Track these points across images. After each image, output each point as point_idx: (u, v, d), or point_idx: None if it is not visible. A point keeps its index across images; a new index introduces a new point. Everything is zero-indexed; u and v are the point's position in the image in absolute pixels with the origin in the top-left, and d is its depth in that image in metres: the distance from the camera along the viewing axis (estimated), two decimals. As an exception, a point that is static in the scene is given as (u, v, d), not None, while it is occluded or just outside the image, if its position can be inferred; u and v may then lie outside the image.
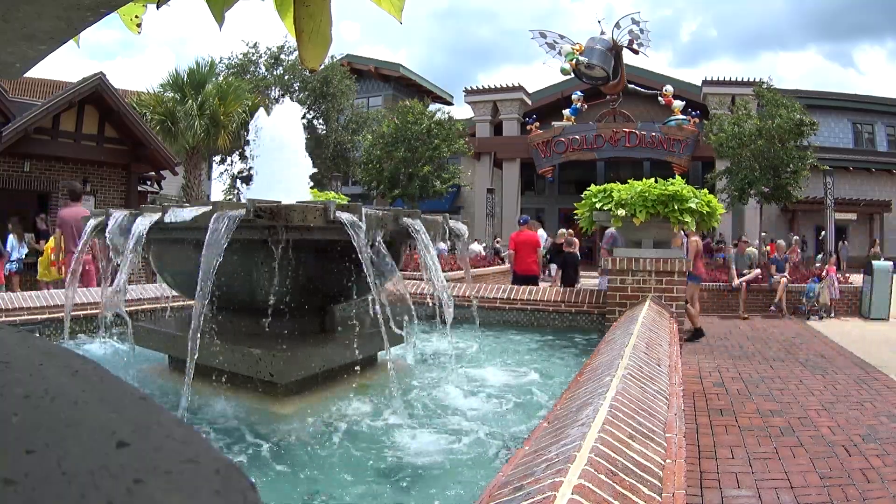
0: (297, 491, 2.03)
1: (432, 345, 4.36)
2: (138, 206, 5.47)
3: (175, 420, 0.30)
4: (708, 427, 3.93)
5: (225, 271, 2.58)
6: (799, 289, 9.79)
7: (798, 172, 13.16)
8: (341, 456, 2.32)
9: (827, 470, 3.20)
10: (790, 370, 5.68)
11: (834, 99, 22.24)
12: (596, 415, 1.43)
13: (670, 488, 1.17)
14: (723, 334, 7.86)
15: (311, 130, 20.96)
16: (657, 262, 4.62)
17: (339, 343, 3.15)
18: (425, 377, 3.48)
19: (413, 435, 2.50)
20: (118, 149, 11.36)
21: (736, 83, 19.84)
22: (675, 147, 19.03)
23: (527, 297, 5.40)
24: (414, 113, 17.15)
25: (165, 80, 13.40)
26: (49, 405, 0.28)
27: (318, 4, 0.84)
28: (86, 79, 10.56)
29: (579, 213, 5.14)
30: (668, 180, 4.64)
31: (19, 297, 4.40)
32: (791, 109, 13.04)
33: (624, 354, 2.25)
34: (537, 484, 1.06)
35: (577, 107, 20.64)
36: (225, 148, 14.66)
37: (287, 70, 21.20)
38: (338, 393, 3.03)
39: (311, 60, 0.89)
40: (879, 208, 20.68)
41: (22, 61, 0.64)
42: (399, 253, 3.71)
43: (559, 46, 19.14)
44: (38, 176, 10.58)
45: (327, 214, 2.62)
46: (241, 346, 2.87)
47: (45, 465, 0.23)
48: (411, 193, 17.15)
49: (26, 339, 0.37)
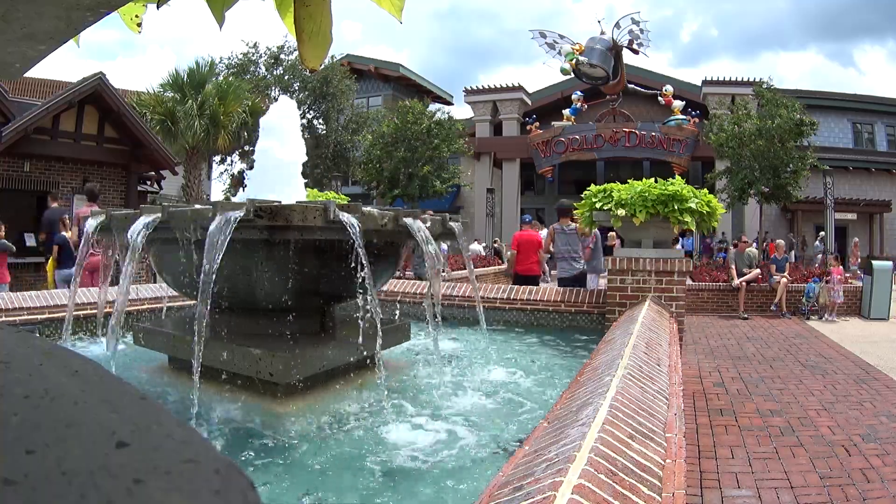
0: (297, 490, 2.03)
1: (431, 344, 4.36)
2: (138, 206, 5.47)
3: (175, 420, 0.30)
4: (708, 427, 3.93)
5: (225, 271, 2.58)
6: (799, 289, 9.79)
7: (798, 172, 13.17)
8: (341, 455, 2.32)
9: (827, 470, 3.20)
10: (790, 370, 5.68)
11: (834, 99, 22.24)
12: (596, 415, 1.43)
13: (670, 488, 1.17)
14: (723, 334, 7.86)
15: (311, 130, 20.97)
16: (657, 262, 4.62)
17: (339, 343, 3.15)
18: (426, 376, 3.48)
19: (413, 434, 2.50)
20: (118, 149, 11.35)
21: (736, 83, 19.85)
22: (675, 147, 19.04)
23: (527, 297, 5.40)
24: (414, 113, 17.16)
25: (165, 80, 13.40)
26: (49, 405, 0.28)
27: (319, 4, 0.84)
28: (86, 79, 10.55)
29: (579, 213, 5.14)
30: (668, 180, 4.64)
31: (19, 297, 4.40)
32: (791, 109, 13.05)
33: (624, 354, 2.25)
34: (537, 484, 1.06)
35: (577, 107, 20.65)
36: (225, 148, 14.65)
37: (287, 70, 21.19)
38: (338, 392, 3.03)
39: (312, 60, 0.89)
40: (879, 208, 20.69)
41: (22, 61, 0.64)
42: (399, 253, 3.71)
43: (559, 46, 19.16)
44: (38, 176, 10.57)
45: (327, 214, 2.62)
46: (241, 347, 2.87)
47: (45, 465, 0.23)
48: (411, 193, 17.15)
49: (26, 339, 0.37)
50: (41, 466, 0.23)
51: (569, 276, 6.87)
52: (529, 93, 23.87)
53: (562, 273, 7.01)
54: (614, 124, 19.79)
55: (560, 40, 19.22)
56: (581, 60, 18.53)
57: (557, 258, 7.14)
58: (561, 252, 6.98)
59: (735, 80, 20.04)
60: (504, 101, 23.29)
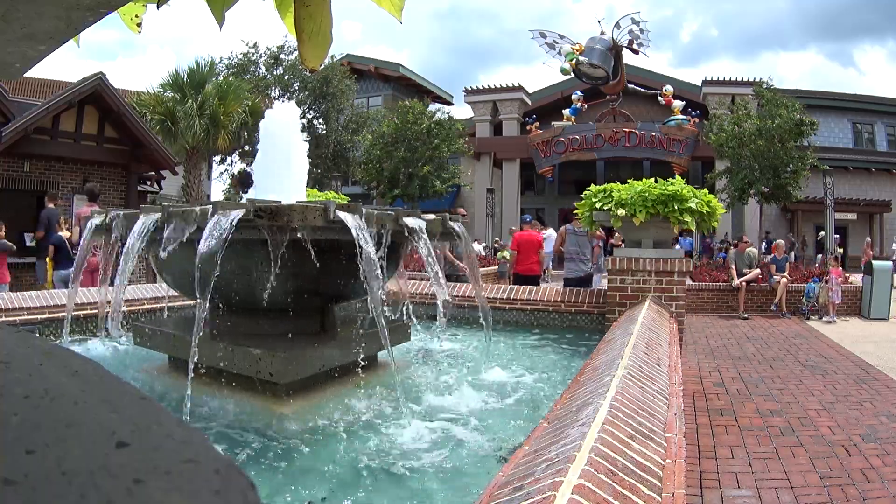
0: (297, 490, 2.03)
1: (432, 344, 4.36)
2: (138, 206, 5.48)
3: (175, 420, 0.30)
4: (708, 427, 3.93)
5: (225, 271, 2.58)
6: (799, 289, 9.79)
7: (798, 172, 13.16)
8: (341, 455, 2.32)
9: (827, 470, 3.20)
10: (790, 370, 5.68)
11: (834, 99, 22.24)
12: (596, 415, 1.43)
13: (670, 488, 1.17)
14: (723, 334, 7.86)
15: (311, 130, 20.96)
16: (657, 262, 4.62)
17: (339, 343, 3.15)
18: (426, 376, 3.48)
19: (413, 434, 2.50)
20: (118, 149, 11.35)
21: (736, 83, 19.85)
22: (675, 147, 19.03)
23: (527, 296, 5.40)
24: (414, 113, 17.15)
25: (165, 80, 13.40)
26: (49, 405, 0.28)
27: (319, 4, 0.84)
28: (86, 79, 10.55)
29: (579, 213, 5.14)
30: (667, 180, 4.64)
31: (19, 297, 4.40)
32: (791, 109, 13.04)
33: (624, 354, 2.25)
34: (537, 484, 1.06)
35: (577, 107, 20.64)
36: (225, 148, 14.65)
37: (287, 70, 21.18)
38: (338, 392, 3.03)
39: (312, 60, 0.89)
40: (879, 208, 20.69)
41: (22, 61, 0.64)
42: (399, 253, 3.71)
43: (559, 46, 19.15)
44: (38, 176, 10.57)
45: (327, 214, 2.61)
46: (241, 346, 2.87)
47: (45, 465, 0.23)
48: (411, 193, 17.15)
49: (26, 339, 0.37)
50: (41, 466, 0.23)
51: (574, 278, 6.95)
52: (529, 93, 23.87)
53: (569, 273, 7.07)
54: (614, 124, 19.78)
55: (560, 40, 19.21)
56: (581, 60, 18.52)
57: (566, 258, 7.24)
58: (570, 253, 7.07)
59: (735, 80, 20.04)
60: (504, 101, 23.28)
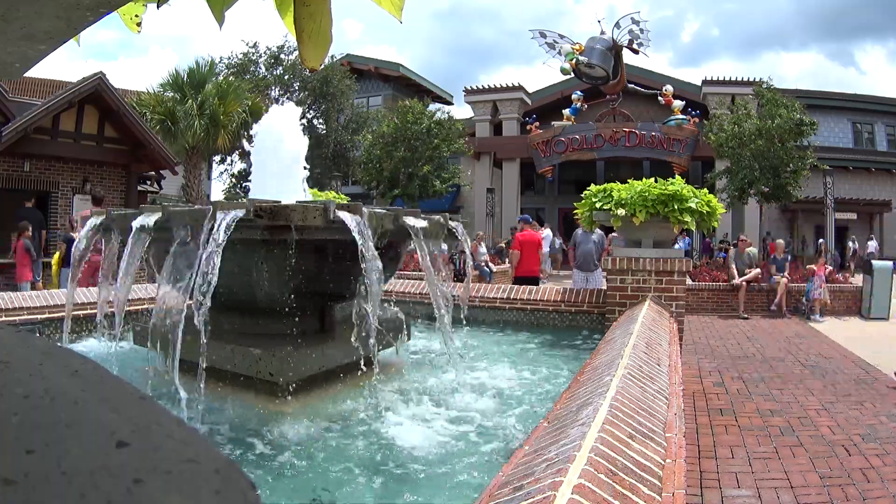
0: (297, 490, 2.03)
1: (432, 344, 4.36)
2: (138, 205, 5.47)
3: (175, 420, 0.30)
4: (708, 427, 3.93)
5: (224, 271, 2.58)
6: (799, 289, 9.78)
7: (798, 172, 13.16)
8: (341, 455, 2.32)
9: (827, 470, 3.20)
10: (790, 370, 5.68)
11: (834, 99, 22.24)
12: (596, 414, 1.43)
13: (670, 488, 1.17)
14: (723, 334, 7.86)
15: (311, 130, 20.96)
16: (657, 262, 4.62)
17: (339, 342, 3.15)
18: (426, 376, 3.48)
19: (413, 433, 2.50)
20: (118, 149, 11.36)
21: (736, 83, 19.83)
22: (675, 147, 19.01)
23: (527, 296, 5.40)
24: (414, 113, 17.14)
25: (165, 80, 13.41)
26: (49, 405, 0.28)
27: (319, 4, 0.84)
28: (86, 79, 10.55)
29: (579, 213, 5.14)
30: (667, 180, 4.64)
31: (19, 297, 4.40)
32: (791, 109, 13.03)
33: (624, 354, 2.25)
34: (537, 483, 1.06)
35: (577, 107, 20.61)
36: (225, 148, 14.66)
37: (287, 70, 21.18)
38: (338, 392, 3.03)
39: (312, 60, 0.89)
40: (879, 208, 20.69)
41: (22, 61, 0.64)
42: (399, 253, 3.71)
43: (559, 46, 19.12)
44: (38, 176, 10.57)
45: (327, 214, 2.61)
46: (240, 346, 2.87)
47: (45, 465, 0.23)
48: (411, 193, 17.14)
49: (26, 339, 0.37)
50: (41, 466, 0.23)
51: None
52: (529, 93, 23.85)
53: (575, 286, 7.16)
54: (614, 124, 19.75)
55: (560, 40, 19.18)
56: (581, 60, 18.50)
57: (574, 266, 7.40)
58: (578, 259, 7.25)
59: (735, 80, 20.02)
60: (504, 101, 23.27)
